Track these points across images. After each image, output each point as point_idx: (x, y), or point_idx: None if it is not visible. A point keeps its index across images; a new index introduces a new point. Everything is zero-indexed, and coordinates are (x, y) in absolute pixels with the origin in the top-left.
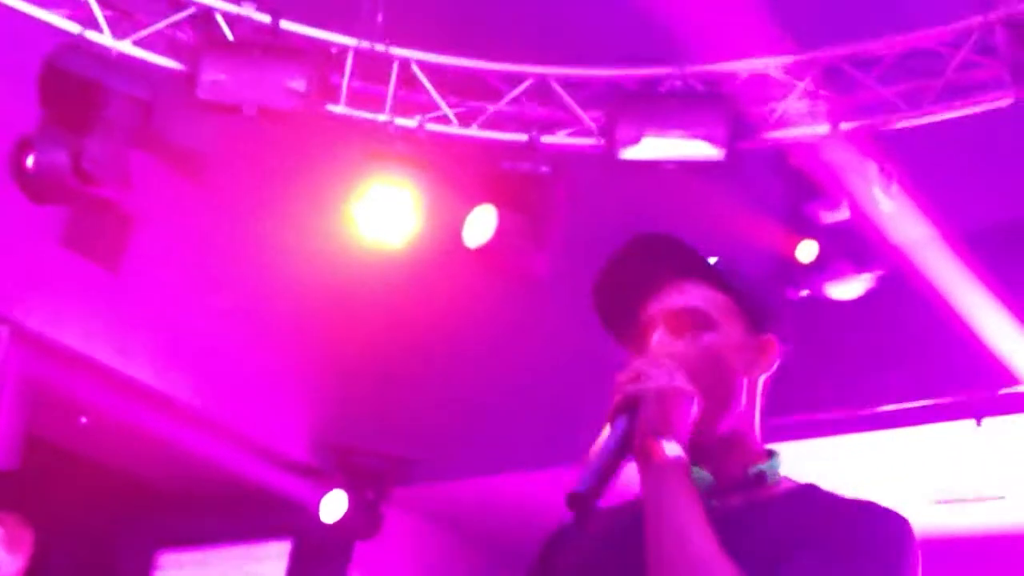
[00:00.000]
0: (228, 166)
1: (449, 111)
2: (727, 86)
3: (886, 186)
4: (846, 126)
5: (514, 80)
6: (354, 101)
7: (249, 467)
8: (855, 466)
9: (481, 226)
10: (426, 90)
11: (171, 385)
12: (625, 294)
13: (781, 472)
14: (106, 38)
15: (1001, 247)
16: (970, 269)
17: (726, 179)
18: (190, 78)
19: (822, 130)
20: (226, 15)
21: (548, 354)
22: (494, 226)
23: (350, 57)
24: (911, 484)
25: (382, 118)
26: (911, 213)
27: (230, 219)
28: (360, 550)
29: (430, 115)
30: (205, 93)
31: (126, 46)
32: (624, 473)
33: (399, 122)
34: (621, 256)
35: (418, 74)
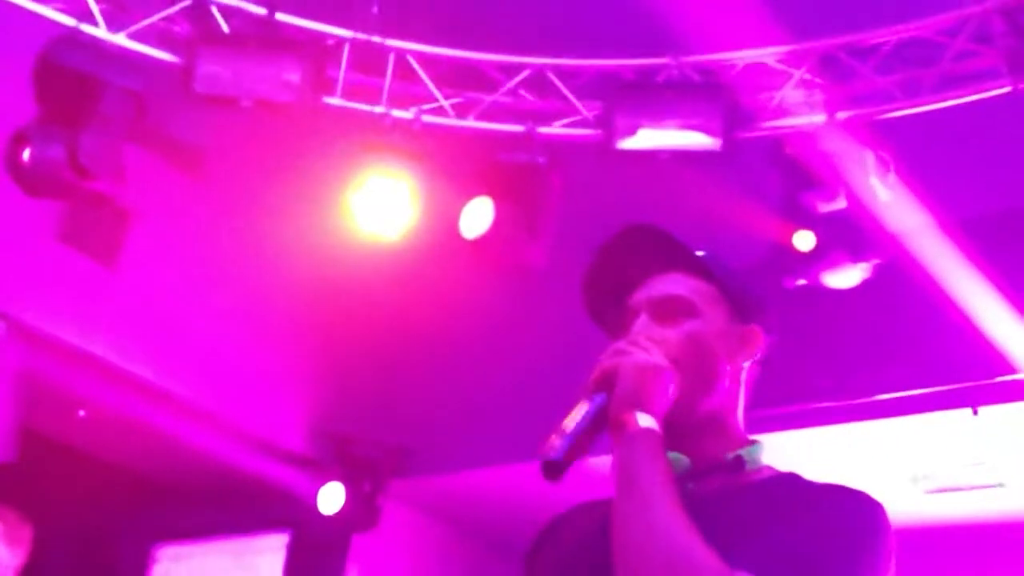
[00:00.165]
0: (224, 159)
1: (445, 103)
2: (724, 76)
3: (883, 175)
4: (843, 115)
5: (510, 71)
6: (350, 93)
7: (246, 460)
8: (851, 455)
9: (478, 217)
10: (422, 82)
11: (168, 378)
12: (611, 285)
13: (763, 460)
14: (101, 31)
15: (998, 236)
16: (967, 258)
17: (723, 169)
18: (186, 71)
19: (819, 119)
20: (222, 7)
21: (545, 345)
22: (491, 217)
23: (346, 49)
24: (908, 473)
25: (378, 110)
26: (908, 202)
27: (226, 212)
28: (358, 542)
29: (426, 107)
30: (201, 86)
31: (121, 39)
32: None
33: (395, 114)
34: (608, 248)
35: (414, 66)
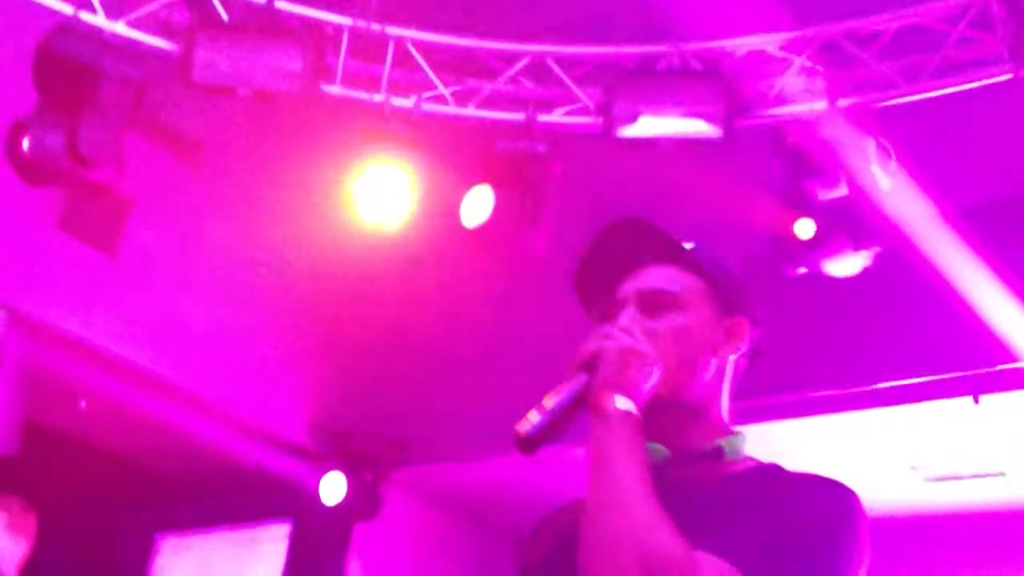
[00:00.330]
0: (224, 147)
1: (445, 91)
2: (724, 63)
3: (884, 163)
4: (844, 102)
5: (510, 59)
6: (350, 81)
7: (248, 450)
8: (852, 443)
9: (478, 206)
10: (422, 70)
11: (169, 369)
12: (602, 277)
13: (745, 451)
14: (100, 19)
15: (999, 224)
16: (968, 246)
17: (723, 157)
18: (185, 60)
19: (820, 107)
20: None
21: (546, 334)
22: (491, 206)
23: (345, 37)
24: (908, 461)
25: (378, 98)
26: (909, 190)
27: (226, 201)
28: (359, 532)
29: (426, 95)
30: (200, 75)
31: (120, 27)
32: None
33: (395, 102)
34: (599, 240)
35: (414, 53)
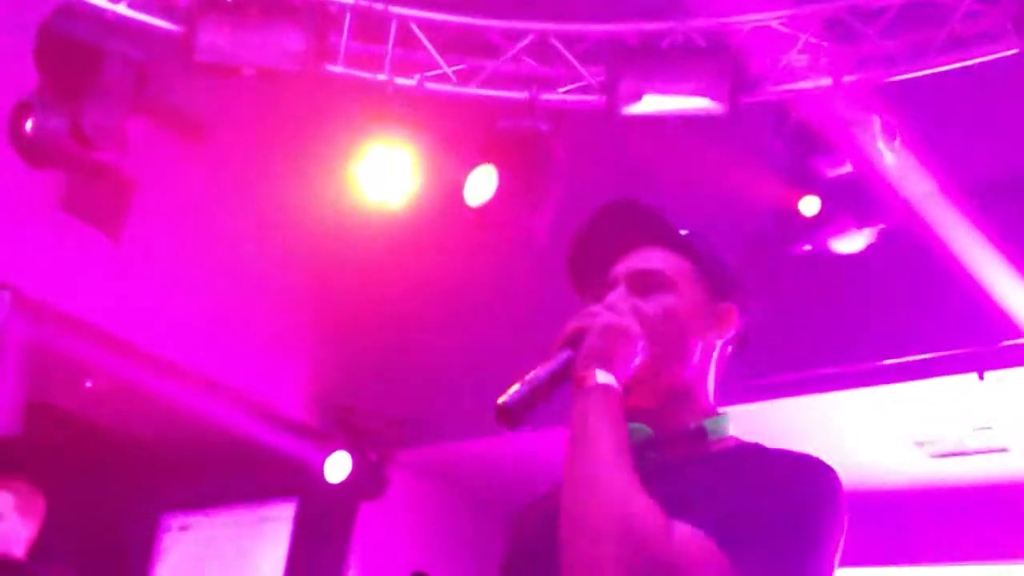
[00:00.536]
0: (227, 128)
1: (448, 69)
2: (729, 40)
3: (889, 139)
4: (849, 79)
5: (513, 37)
6: (353, 61)
7: (253, 429)
8: (857, 420)
9: (482, 185)
10: (425, 48)
11: (174, 348)
12: (594, 258)
13: (730, 431)
14: (102, 0)
15: (1005, 200)
16: (973, 222)
17: (728, 134)
18: (187, 40)
19: (825, 83)
20: None
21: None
22: (495, 185)
23: (348, 16)
24: (913, 437)
25: (381, 77)
26: (914, 167)
27: (230, 181)
28: (365, 511)
29: (429, 74)
30: (203, 55)
31: (122, 8)
32: None
33: (398, 81)
34: (592, 222)
35: (417, 32)
